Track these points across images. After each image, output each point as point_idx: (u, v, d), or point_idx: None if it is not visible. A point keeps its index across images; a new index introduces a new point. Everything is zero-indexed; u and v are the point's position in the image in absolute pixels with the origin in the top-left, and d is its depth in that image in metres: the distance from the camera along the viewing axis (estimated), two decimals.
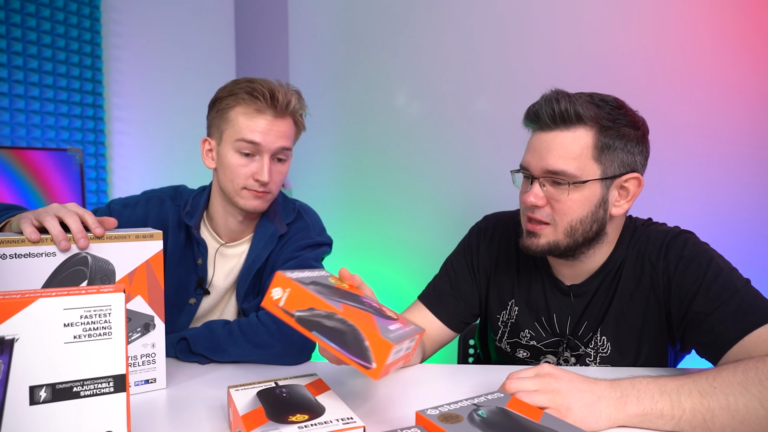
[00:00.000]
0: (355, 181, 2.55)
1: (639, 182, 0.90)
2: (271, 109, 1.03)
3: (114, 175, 2.52)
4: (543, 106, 0.88)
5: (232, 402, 0.65)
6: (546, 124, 0.88)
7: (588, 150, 0.86)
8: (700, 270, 0.86)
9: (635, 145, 0.89)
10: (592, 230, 0.90)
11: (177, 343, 0.97)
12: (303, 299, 0.63)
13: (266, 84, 1.03)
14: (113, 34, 2.51)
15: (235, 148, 1.04)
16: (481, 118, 2.16)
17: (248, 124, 1.02)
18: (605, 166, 0.87)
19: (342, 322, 0.60)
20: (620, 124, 0.87)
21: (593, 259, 0.96)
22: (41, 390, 0.52)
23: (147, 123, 2.62)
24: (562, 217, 0.89)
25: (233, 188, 1.06)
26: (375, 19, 2.43)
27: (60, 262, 0.76)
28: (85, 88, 2.34)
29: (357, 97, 2.51)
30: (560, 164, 0.86)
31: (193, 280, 1.13)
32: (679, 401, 0.66)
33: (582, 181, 0.86)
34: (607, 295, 0.96)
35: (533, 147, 0.91)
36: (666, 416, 0.66)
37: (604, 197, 0.88)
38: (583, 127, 0.86)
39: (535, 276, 1.03)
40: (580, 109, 0.85)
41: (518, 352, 1.05)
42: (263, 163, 1.03)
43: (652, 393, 0.67)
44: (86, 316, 0.54)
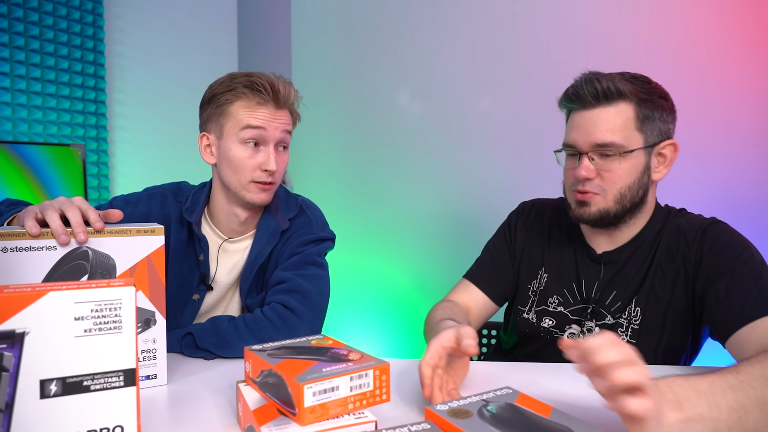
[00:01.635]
0: (357, 179, 2.55)
1: (675, 147, 0.98)
2: (273, 101, 1.03)
3: (116, 171, 2.52)
4: (584, 86, 0.95)
5: (241, 397, 0.65)
6: (589, 103, 0.95)
7: (631, 122, 0.94)
8: (733, 254, 0.90)
9: (668, 114, 0.97)
10: (638, 195, 0.97)
11: (182, 338, 0.97)
12: (258, 365, 0.64)
13: (264, 77, 1.04)
14: (116, 30, 2.51)
15: (240, 139, 1.03)
16: (485, 117, 2.16)
17: (252, 114, 1.03)
18: (647, 135, 0.95)
19: (275, 376, 0.59)
20: (655, 96, 0.95)
21: (631, 229, 1.02)
22: (52, 384, 0.52)
23: (149, 119, 2.62)
24: (612, 186, 0.96)
25: (239, 182, 1.06)
26: (378, 17, 2.43)
27: (60, 256, 0.76)
28: (87, 83, 2.34)
29: (359, 94, 2.50)
30: (608, 137, 0.93)
31: (195, 277, 1.13)
32: (715, 401, 0.61)
33: (629, 150, 0.94)
34: (639, 266, 1.01)
35: (577, 125, 0.97)
36: (705, 419, 0.61)
37: (647, 164, 0.96)
38: (624, 101, 0.94)
39: (568, 245, 1.10)
40: (620, 86, 0.93)
41: (543, 321, 1.08)
42: (269, 152, 1.04)
43: (689, 396, 0.61)
44: (97, 310, 0.54)
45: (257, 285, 1.12)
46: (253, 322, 0.97)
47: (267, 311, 0.99)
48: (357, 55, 2.51)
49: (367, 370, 0.59)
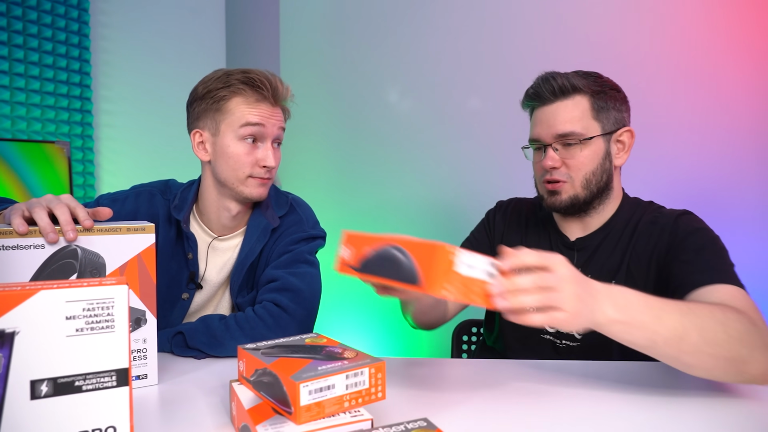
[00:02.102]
0: (346, 177, 2.54)
1: (631, 134, 1.06)
2: (270, 97, 1.04)
3: (101, 169, 2.49)
4: (542, 85, 1.05)
5: (235, 396, 0.64)
6: (548, 99, 1.04)
7: (588, 112, 1.03)
8: (700, 237, 0.97)
9: (621, 104, 1.06)
10: (603, 180, 1.05)
11: (173, 337, 0.96)
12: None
13: (261, 73, 1.04)
14: (102, 26, 2.47)
15: (239, 135, 1.03)
16: (474, 115, 2.17)
17: (251, 110, 1.03)
18: (603, 123, 1.03)
19: (270, 375, 0.59)
20: (606, 88, 1.04)
21: (601, 215, 1.09)
22: (42, 384, 0.51)
23: (136, 116, 2.59)
24: (577, 172, 1.03)
25: (237, 178, 1.05)
26: (367, 15, 2.42)
27: (49, 254, 0.75)
28: (72, 79, 2.30)
29: (348, 92, 2.50)
30: (568, 127, 1.02)
31: (185, 275, 1.12)
32: (660, 317, 0.69)
33: (589, 137, 1.02)
34: (611, 251, 1.06)
35: (540, 120, 1.06)
36: (646, 329, 0.69)
37: (607, 150, 1.04)
38: (579, 94, 1.03)
39: (543, 234, 1.16)
40: (574, 81, 1.02)
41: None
42: (267, 148, 1.05)
43: (639, 305, 0.69)
44: (89, 309, 0.53)
45: (248, 283, 1.11)
46: (245, 321, 0.96)
47: (258, 310, 0.98)
48: (346, 53, 2.50)
49: (363, 368, 0.59)
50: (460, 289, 0.61)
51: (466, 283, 0.61)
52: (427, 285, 0.60)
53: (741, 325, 0.73)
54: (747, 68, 1.69)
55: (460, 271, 0.61)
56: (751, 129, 1.69)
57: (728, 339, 0.71)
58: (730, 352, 0.71)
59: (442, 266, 0.59)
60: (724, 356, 0.71)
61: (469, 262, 0.61)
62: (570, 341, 1.07)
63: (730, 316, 0.74)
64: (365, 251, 0.68)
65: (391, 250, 0.64)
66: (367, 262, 0.67)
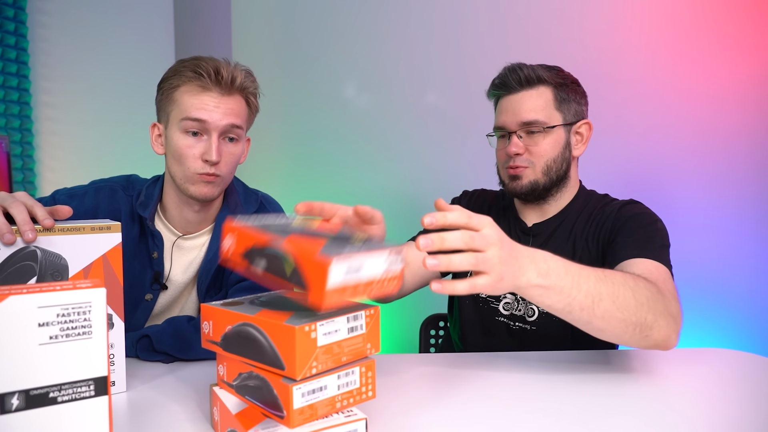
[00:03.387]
0: (303, 174, 2.50)
1: (590, 126, 1.12)
2: (216, 86, 0.97)
3: (42, 164, 2.34)
4: (508, 75, 1.09)
5: (218, 400, 0.62)
6: (513, 88, 1.09)
7: (551, 102, 1.07)
8: (639, 219, 1.03)
9: (581, 98, 1.11)
10: (562, 169, 1.10)
11: (138, 341, 0.91)
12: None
13: (212, 62, 0.98)
14: (39, 12, 2.32)
15: (181, 128, 0.98)
16: (431, 110, 2.18)
17: (193, 102, 0.96)
18: (565, 114, 1.08)
19: (257, 378, 0.55)
20: (568, 82, 1.09)
21: (558, 202, 1.14)
22: (13, 397, 0.47)
23: (78, 109, 2.44)
24: (539, 159, 1.08)
25: (183, 174, 1.00)
26: (322, 8, 2.38)
27: (5, 256, 0.70)
28: (8, 69, 2.15)
29: (304, 88, 2.45)
30: (532, 115, 1.06)
31: (148, 275, 1.06)
32: (579, 282, 0.71)
33: (551, 126, 1.07)
34: (564, 238, 1.11)
35: (505, 108, 1.10)
36: (564, 293, 0.70)
37: (567, 140, 1.10)
38: (543, 85, 1.08)
39: (503, 221, 1.19)
40: (539, 73, 1.07)
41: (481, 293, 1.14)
42: (211, 142, 0.97)
43: (559, 270, 0.70)
44: (63, 315, 0.49)
45: (216, 284, 1.07)
46: None
47: None
48: (301, 48, 2.45)
49: (354, 368, 0.58)
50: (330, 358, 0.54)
51: (332, 350, 0.55)
52: (291, 370, 0.52)
53: (649, 292, 0.77)
54: (715, 65, 1.78)
55: (321, 343, 0.54)
56: (716, 128, 1.78)
57: (637, 305, 0.75)
58: (637, 317, 0.75)
59: (302, 347, 0.52)
60: (632, 321, 0.75)
61: (327, 329, 0.54)
62: (522, 323, 1.11)
63: (640, 284, 0.78)
64: (225, 325, 0.59)
65: (249, 328, 0.56)
66: (227, 337, 0.59)
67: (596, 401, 0.75)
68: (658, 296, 0.78)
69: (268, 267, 0.55)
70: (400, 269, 0.55)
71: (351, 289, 0.51)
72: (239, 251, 0.59)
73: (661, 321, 0.77)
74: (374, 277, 0.52)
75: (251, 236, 0.57)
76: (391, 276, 0.54)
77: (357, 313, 0.57)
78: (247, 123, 1.05)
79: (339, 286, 0.49)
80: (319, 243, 0.51)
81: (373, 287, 0.53)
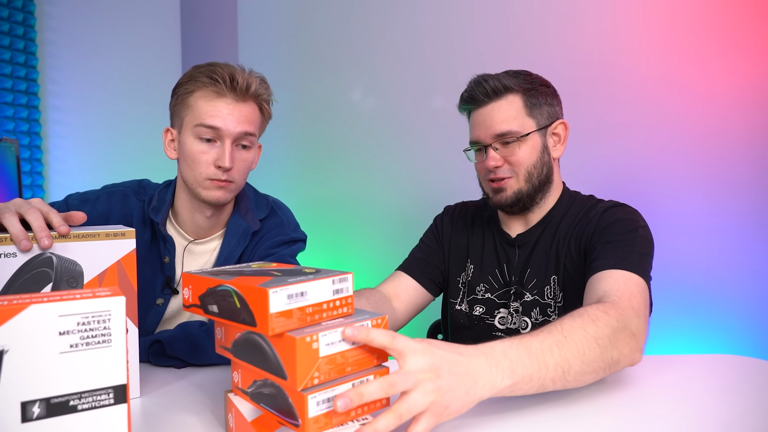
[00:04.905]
0: (308, 178, 2.50)
1: (565, 126, 1.11)
2: (231, 92, 0.98)
3: (50, 168, 2.35)
4: (475, 89, 1.08)
5: (233, 407, 0.62)
6: (482, 101, 1.08)
7: (521, 110, 1.06)
8: (621, 227, 1.00)
9: (552, 98, 1.10)
10: (543, 173, 1.09)
11: (150, 346, 0.92)
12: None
13: (227, 68, 0.99)
14: (48, 16, 2.33)
15: (195, 134, 0.99)
16: (436, 115, 2.18)
17: (207, 109, 0.97)
18: (537, 119, 1.08)
19: (272, 386, 0.56)
20: (537, 85, 1.08)
21: (542, 209, 1.13)
22: (34, 405, 0.48)
23: (86, 112, 2.46)
24: (519, 167, 1.07)
25: (195, 178, 1.01)
26: (328, 13, 2.39)
27: (21, 263, 0.70)
28: (17, 73, 2.16)
29: (310, 93, 2.46)
30: (505, 126, 1.05)
31: (159, 280, 1.07)
32: (545, 361, 0.66)
33: (525, 134, 1.06)
34: (548, 245, 1.10)
35: (478, 122, 1.09)
36: (534, 379, 0.66)
37: (544, 144, 1.09)
38: (511, 93, 1.06)
39: (488, 234, 1.19)
40: (506, 81, 1.06)
41: (475, 309, 1.16)
42: (224, 149, 0.98)
43: (522, 360, 0.65)
44: (84, 323, 0.49)
45: None
46: None
47: None
48: (307, 52, 2.46)
49: (368, 375, 0.58)
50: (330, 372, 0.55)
51: (335, 361, 0.55)
52: (292, 381, 0.53)
53: (609, 329, 0.74)
54: (707, 67, 1.78)
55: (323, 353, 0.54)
56: (707, 128, 1.78)
57: (601, 351, 0.72)
58: (605, 362, 0.73)
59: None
60: (602, 367, 0.73)
61: (329, 339, 0.55)
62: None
63: (599, 323, 0.74)
64: (235, 330, 0.61)
65: (255, 336, 0.57)
66: (237, 344, 0.61)
67: (594, 412, 0.74)
68: (617, 326, 0.76)
69: (221, 303, 0.59)
70: (350, 292, 0.59)
71: (299, 311, 0.55)
72: (196, 296, 0.63)
73: (625, 350, 0.76)
74: (323, 300, 0.57)
75: (204, 281, 0.62)
76: (342, 297, 0.59)
77: (364, 323, 0.57)
78: (259, 130, 1.06)
79: (284, 310, 0.53)
80: (261, 279, 0.56)
81: (326, 310, 0.57)
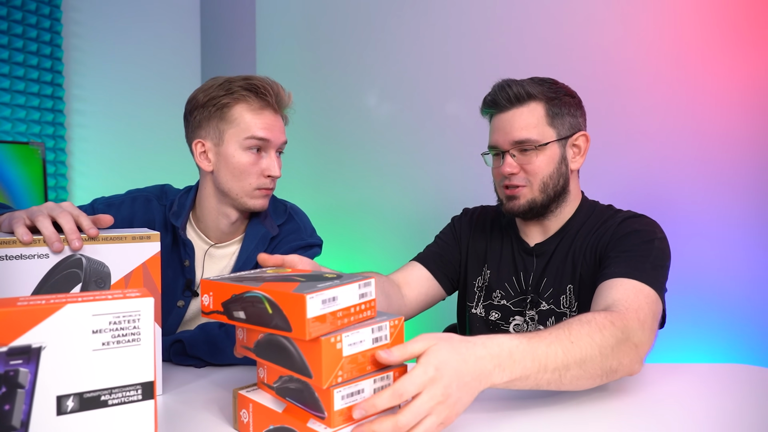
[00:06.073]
0: (325, 182, 2.54)
1: (587, 138, 1.10)
2: (275, 104, 1.04)
3: (73, 170, 2.42)
4: (498, 93, 1.07)
5: (250, 402, 0.65)
6: (504, 107, 1.07)
7: (543, 119, 1.05)
8: (636, 237, 0.99)
9: (576, 109, 1.09)
10: (559, 184, 1.07)
11: (171, 345, 0.95)
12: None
13: (264, 80, 1.04)
14: (74, 23, 2.40)
15: (243, 146, 1.03)
16: (452, 120, 2.20)
17: (256, 121, 1.02)
18: (558, 129, 1.06)
19: (297, 381, 0.58)
20: (561, 95, 1.07)
21: (559, 218, 1.12)
22: (69, 399, 0.50)
23: (109, 116, 2.52)
24: (534, 177, 1.06)
25: (243, 189, 1.05)
26: (344, 19, 2.43)
27: (53, 264, 0.73)
28: (43, 78, 2.23)
29: (326, 97, 2.49)
30: (524, 134, 1.04)
31: (180, 282, 1.10)
32: (546, 365, 0.68)
33: (544, 143, 1.05)
34: (565, 255, 1.09)
35: (498, 127, 1.09)
36: (530, 378, 0.68)
37: (563, 155, 1.07)
38: (534, 101, 1.05)
39: (506, 241, 1.19)
40: (529, 89, 1.05)
41: (491, 315, 1.16)
42: (272, 159, 1.05)
43: (525, 362, 0.66)
44: (115, 323, 0.52)
45: None
46: None
47: None
48: (323, 57, 2.50)
49: (389, 373, 0.62)
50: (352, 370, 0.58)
51: (356, 360, 0.58)
52: (317, 379, 0.56)
53: (614, 339, 0.75)
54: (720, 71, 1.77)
55: (346, 353, 0.57)
56: (722, 133, 1.77)
57: (602, 360, 0.73)
58: (603, 369, 0.74)
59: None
60: (598, 374, 0.74)
61: (352, 340, 0.58)
62: None
63: (605, 333, 0.75)
64: (257, 334, 0.63)
65: (280, 338, 0.60)
66: (260, 344, 0.64)
67: (600, 418, 0.74)
68: (621, 337, 0.76)
69: (249, 309, 0.61)
70: (374, 296, 0.62)
71: (331, 316, 0.57)
72: (219, 302, 0.64)
73: (625, 360, 0.77)
74: (351, 304, 0.59)
75: (228, 288, 0.63)
76: (367, 301, 0.61)
77: (381, 324, 0.61)
78: None
79: (319, 315, 0.55)
80: (290, 285, 0.58)
81: (353, 314, 0.59)
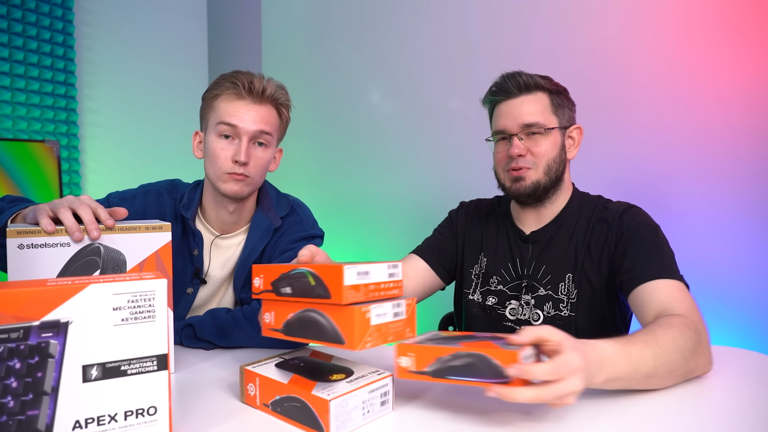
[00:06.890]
0: (329, 177, 2.59)
1: (580, 131, 1.19)
2: (248, 95, 1.09)
3: (86, 167, 2.49)
4: (508, 81, 1.15)
5: (256, 377, 0.71)
6: (513, 93, 1.14)
7: (548, 107, 1.14)
8: (643, 231, 1.07)
9: (572, 105, 1.19)
10: (560, 170, 1.15)
11: (182, 329, 1.02)
12: (429, 355, 0.69)
13: (248, 75, 1.10)
14: (86, 24, 2.47)
15: (216, 132, 1.09)
16: (454, 116, 2.25)
17: (227, 108, 1.08)
18: (560, 118, 1.15)
19: (469, 356, 0.65)
20: (561, 90, 1.16)
21: (554, 206, 1.18)
22: (93, 369, 0.57)
23: (121, 114, 2.60)
24: (540, 159, 1.13)
25: (215, 173, 1.10)
26: (348, 16, 2.48)
27: (74, 252, 0.80)
28: (57, 78, 2.31)
29: (331, 93, 2.55)
30: (533, 118, 1.12)
31: (189, 271, 1.17)
32: (638, 368, 0.73)
33: (550, 128, 1.13)
34: (565, 244, 1.15)
35: (505, 113, 1.15)
36: (623, 378, 0.73)
37: (562, 143, 1.15)
38: (540, 91, 1.14)
39: (501, 230, 1.25)
40: (536, 80, 1.14)
41: (488, 300, 1.22)
42: (241, 146, 1.08)
43: (622, 366, 0.72)
44: (133, 301, 0.59)
45: (250, 280, 1.17)
46: (251, 313, 1.02)
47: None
48: (328, 54, 2.55)
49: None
50: (378, 338, 0.67)
51: (381, 329, 0.67)
52: (351, 344, 0.65)
53: (692, 342, 0.80)
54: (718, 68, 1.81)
55: (373, 323, 0.66)
56: (717, 129, 1.81)
57: (684, 362, 0.79)
58: (684, 372, 0.80)
59: (359, 325, 0.64)
60: (680, 375, 0.80)
61: (378, 312, 0.67)
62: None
63: (686, 336, 0.80)
64: (286, 313, 0.73)
65: (311, 313, 0.69)
66: (289, 324, 0.73)
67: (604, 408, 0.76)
68: (696, 339, 0.81)
69: (295, 284, 0.71)
70: (400, 277, 0.73)
71: (364, 287, 0.67)
72: (269, 282, 0.75)
73: (701, 360, 0.82)
74: (381, 280, 0.69)
75: (276, 268, 0.75)
76: (395, 280, 0.72)
77: (400, 301, 0.70)
78: (278, 132, 1.15)
79: (353, 284, 0.65)
80: (331, 262, 0.69)
81: (383, 289, 0.70)
